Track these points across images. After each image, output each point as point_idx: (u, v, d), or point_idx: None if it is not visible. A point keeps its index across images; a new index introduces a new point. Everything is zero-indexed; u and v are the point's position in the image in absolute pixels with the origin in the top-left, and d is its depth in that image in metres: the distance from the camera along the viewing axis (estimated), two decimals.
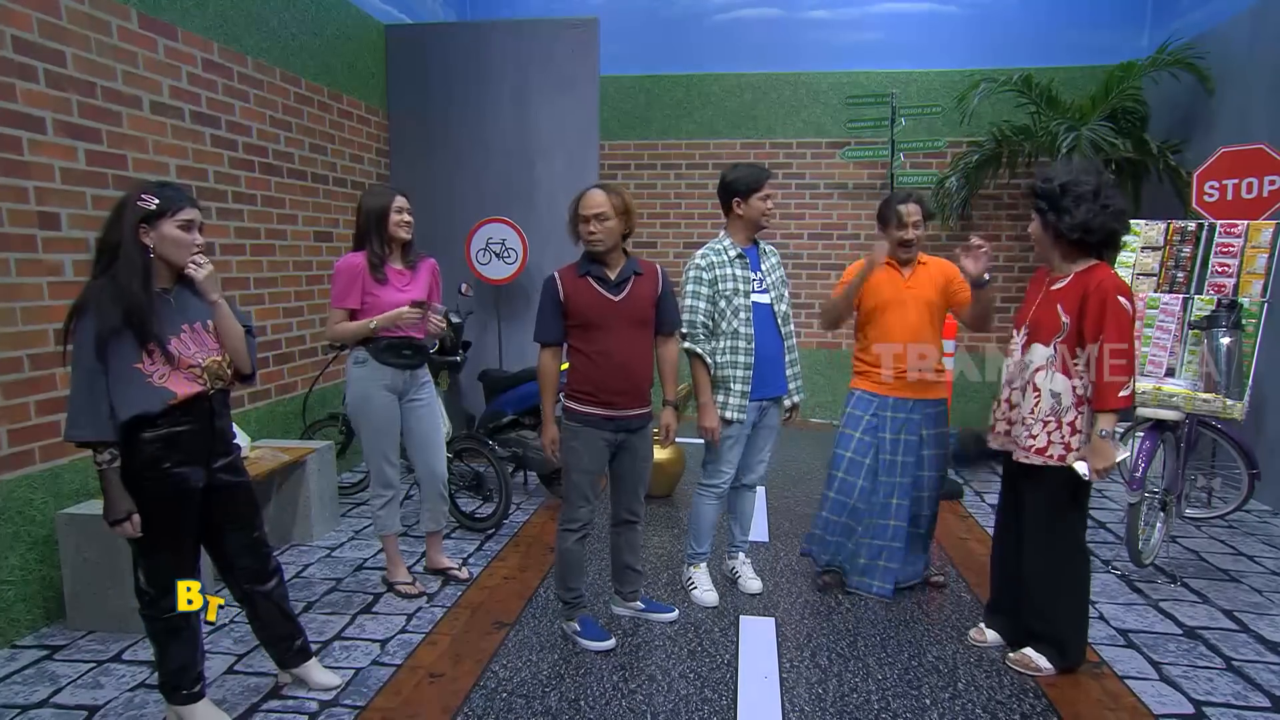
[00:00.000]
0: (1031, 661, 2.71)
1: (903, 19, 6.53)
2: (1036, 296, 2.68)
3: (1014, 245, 6.62)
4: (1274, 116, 4.67)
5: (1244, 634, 3.02)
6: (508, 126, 5.57)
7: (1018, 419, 2.67)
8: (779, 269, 3.21)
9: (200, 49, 3.82)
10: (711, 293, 3.03)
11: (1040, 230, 2.62)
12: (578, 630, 2.90)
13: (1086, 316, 2.50)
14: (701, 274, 3.04)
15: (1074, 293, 2.55)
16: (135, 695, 2.57)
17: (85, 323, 2.03)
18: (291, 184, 4.58)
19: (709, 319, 3.04)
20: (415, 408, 3.29)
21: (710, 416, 3.02)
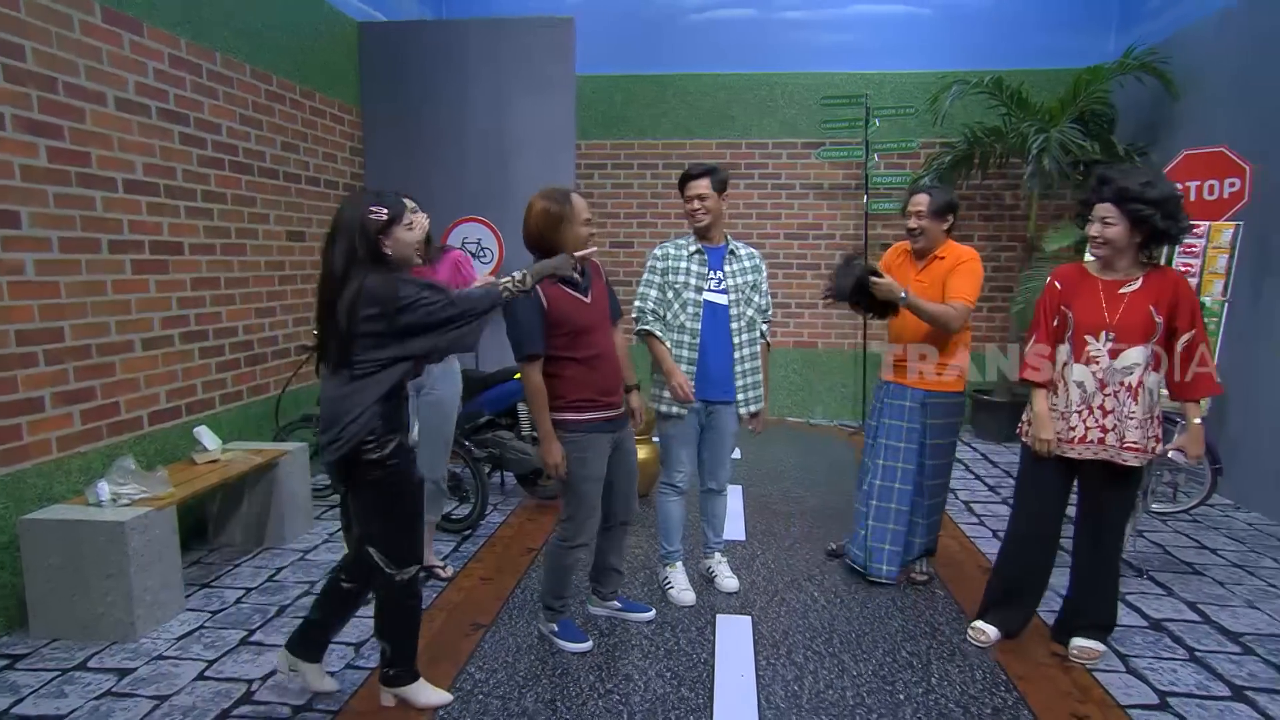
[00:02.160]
0: (1095, 650, 2.79)
1: (877, 21, 6.59)
2: (1093, 300, 2.64)
3: (987, 245, 6.70)
4: (1234, 120, 4.79)
5: (1206, 625, 3.09)
6: (483, 126, 5.53)
7: (1114, 424, 2.63)
8: (752, 274, 3.15)
9: (167, 44, 3.75)
10: (662, 282, 3.08)
11: (1126, 234, 2.57)
12: (556, 632, 2.88)
13: (1179, 315, 2.58)
14: (655, 263, 3.11)
15: (1161, 293, 2.58)
16: (101, 704, 2.51)
17: (406, 284, 2.18)
18: (263, 182, 4.51)
19: (659, 307, 3.09)
20: (428, 403, 3.28)
21: (678, 374, 3.02)
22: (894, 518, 3.29)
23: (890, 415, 3.29)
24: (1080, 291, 2.68)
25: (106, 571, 2.87)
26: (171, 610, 3.08)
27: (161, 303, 3.72)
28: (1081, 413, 2.67)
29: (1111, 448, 2.64)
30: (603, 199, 7.02)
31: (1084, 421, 2.67)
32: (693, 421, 3.13)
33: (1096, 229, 2.61)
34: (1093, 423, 2.66)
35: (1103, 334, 2.63)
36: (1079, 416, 2.68)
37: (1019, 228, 6.54)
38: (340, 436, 2.19)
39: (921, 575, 3.42)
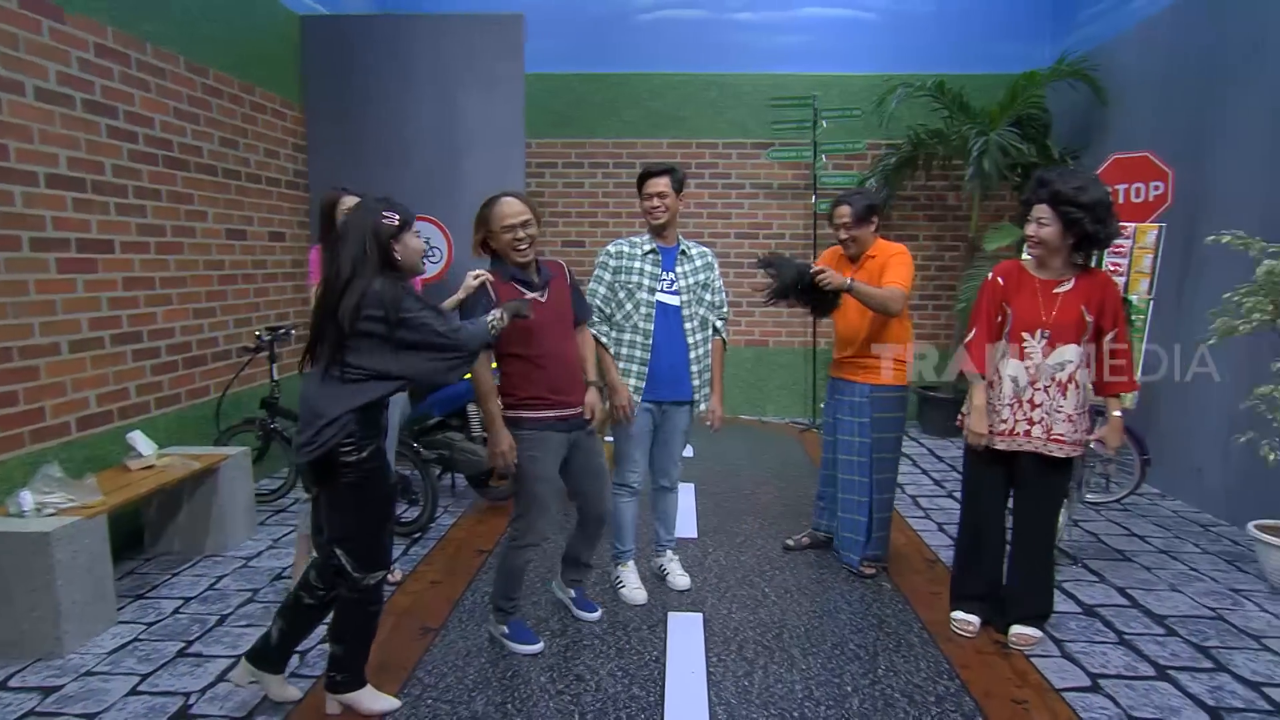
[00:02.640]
0: (1032, 637, 2.89)
1: (824, 23, 6.71)
2: (1030, 298, 2.76)
3: (931, 245, 6.89)
4: (1158, 127, 5.02)
5: (1135, 609, 3.23)
6: (431, 123, 5.45)
7: (1041, 418, 2.74)
8: (704, 272, 3.17)
9: (92, 33, 3.59)
10: (613, 280, 3.07)
11: (1059, 235, 2.68)
12: (506, 633, 2.86)
13: (1105, 315, 2.73)
14: (607, 261, 3.09)
15: (1091, 293, 2.73)
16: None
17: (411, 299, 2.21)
18: (201, 179, 4.36)
19: (606, 305, 3.08)
20: None
21: (623, 394, 3.02)
22: (855, 508, 3.43)
23: (844, 412, 3.42)
24: (1020, 289, 2.79)
25: (30, 585, 2.74)
26: (102, 624, 2.96)
27: (90, 303, 3.57)
28: (1012, 406, 2.80)
29: (1038, 439, 2.77)
30: (554, 198, 6.99)
31: (1014, 415, 2.80)
32: (646, 422, 3.13)
33: (1033, 228, 2.73)
34: (1021, 416, 2.79)
35: (1038, 331, 2.74)
36: (1010, 410, 2.80)
37: (961, 228, 6.74)
38: (315, 440, 2.16)
39: (870, 569, 3.49)
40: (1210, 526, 4.24)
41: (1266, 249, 3.25)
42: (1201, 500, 4.52)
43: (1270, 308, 3.25)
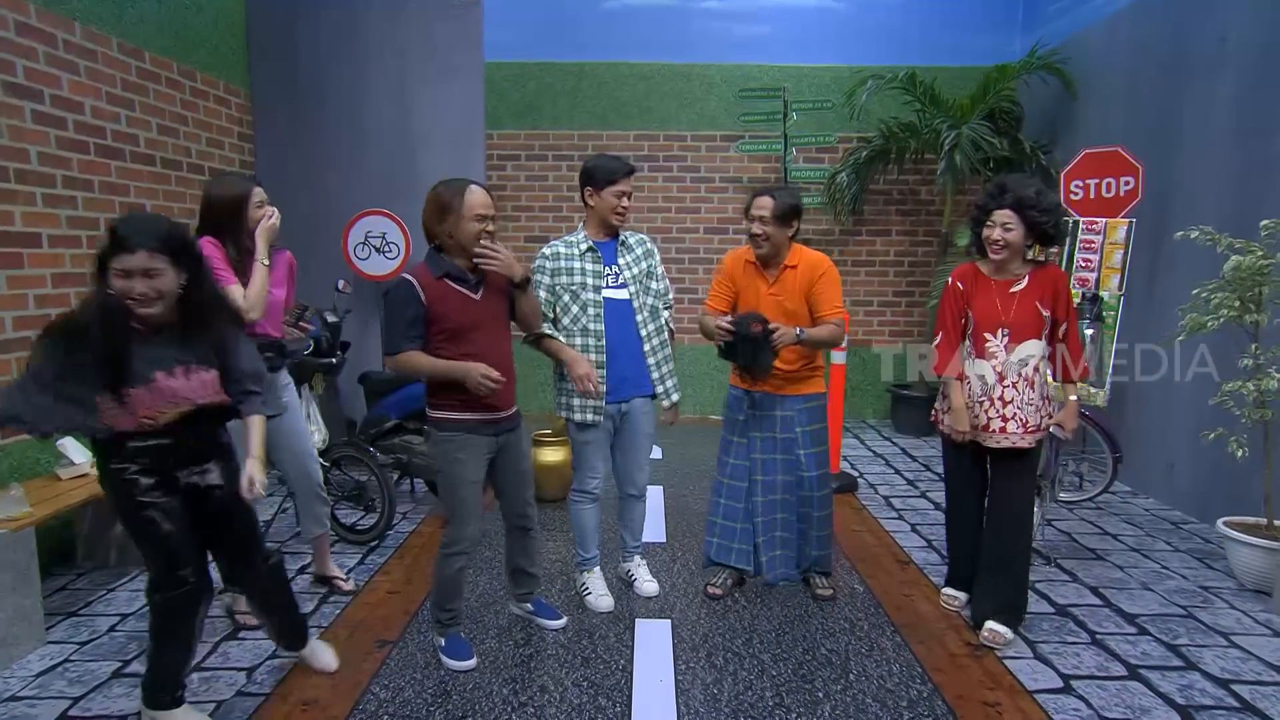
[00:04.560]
0: (1004, 635, 2.97)
1: (793, 13, 6.75)
2: (989, 300, 2.92)
3: (904, 240, 6.99)
4: (1129, 120, 5.15)
5: (1107, 609, 3.30)
6: (386, 113, 5.37)
7: (1014, 413, 2.89)
8: (645, 260, 3.12)
9: (12, 10, 3.46)
10: (552, 283, 3.00)
11: (1023, 238, 2.84)
12: (442, 646, 2.83)
13: (1059, 306, 2.89)
14: (544, 263, 3.01)
15: (1044, 289, 2.88)
16: None
17: (51, 350, 2.11)
18: (137, 169, 4.23)
19: (549, 309, 3.00)
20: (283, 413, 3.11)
21: (581, 363, 2.91)
22: (782, 526, 3.32)
23: (761, 428, 3.24)
24: (978, 292, 2.96)
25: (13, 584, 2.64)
26: (28, 645, 2.86)
27: (16, 300, 3.45)
28: (983, 403, 2.94)
29: (1014, 434, 2.89)
30: (516, 192, 6.94)
31: (986, 412, 2.94)
32: (606, 425, 3.10)
33: (998, 233, 2.85)
34: (994, 413, 2.92)
35: (1000, 330, 2.91)
36: (981, 407, 2.95)
37: (934, 223, 6.84)
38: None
39: (825, 590, 3.34)
40: (1181, 524, 4.36)
41: (1233, 244, 3.35)
42: (1173, 498, 4.65)
43: (1237, 304, 3.36)
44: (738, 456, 3.33)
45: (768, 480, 3.28)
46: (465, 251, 2.59)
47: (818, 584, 3.37)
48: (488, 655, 2.87)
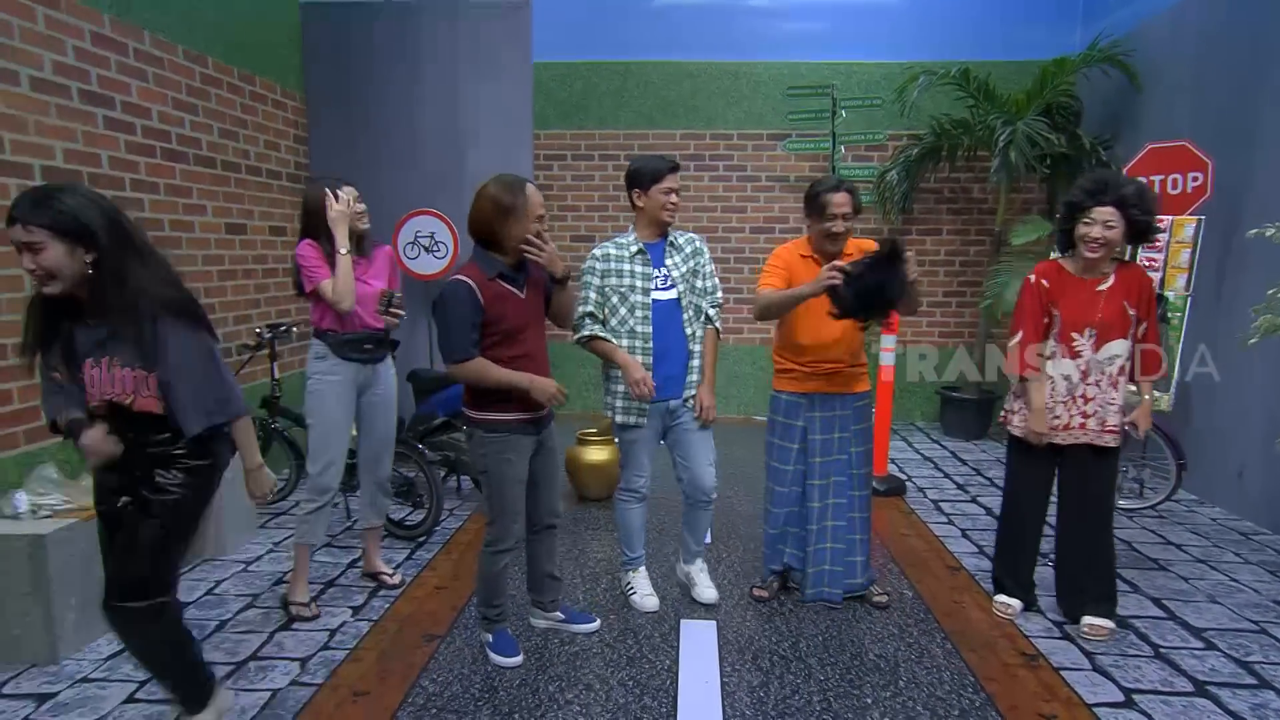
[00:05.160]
0: (1105, 626, 3.00)
1: (843, 9, 6.66)
2: (1077, 298, 2.88)
3: (955, 240, 6.84)
4: (1196, 114, 4.95)
5: (1171, 621, 3.19)
6: (436, 114, 5.46)
7: (1094, 410, 2.90)
8: (694, 259, 3.07)
9: (88, 21, 3.61)
10: (602, 284, 2.99)
11: (1121, 236, 2.80)
12: (489, 642, 2.86)
13: (1142, 304, 2.88)
14: (595, 264, 3.01)
15: (1130, 287, 2.87)
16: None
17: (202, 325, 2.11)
18: (199, 171, 4.38)
19: (599, 310, 3.01)
20: (374, 402, 3.26)
21: (635, 368, 2.91)
22: (833, 536, 3.21)
23: (821, 430, 3.16)
24: (1064, 291, 2.91)
25: (24, 589, 2.76)
26: (99, 629, 2.97)
27: None
28: (1066, 403, 2.94)
29: (1093, 431, 2.93)
30: (562, 191, 6.98)
31: (1068, 410, 2.93)
32: (654, 424, 3.09)
33: (1098, 231, 2.78)
34: (1075, 410, 2.93)
35: (1087, 330, 2.88)
36: (1064, 406, 2.94)
37: (987, 221, 6.68)
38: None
39: (881, 596, 3.29)
40: (1251, 535, 4.18)
41: None
42: (1242, 507, 4.45)
43: None
44: (796, 462, 3.20)
45: (823, 485, 3.19)
46: (514, 250, 2.60)
47: (872, 591, 3.31)
48: (533, 652, 2.90)
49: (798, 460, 3.20)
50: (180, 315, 2.04)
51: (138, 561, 2.12)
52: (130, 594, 2.11)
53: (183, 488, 2.14)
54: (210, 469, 2.22)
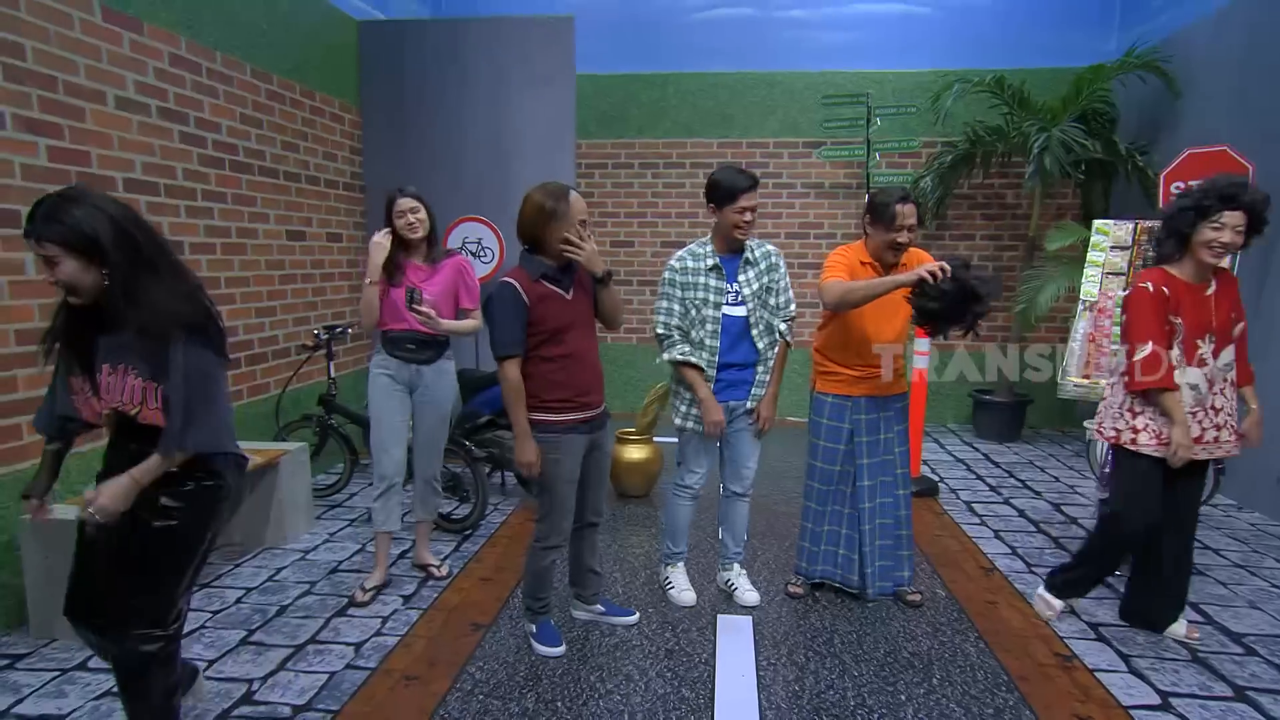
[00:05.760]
0: (1197, 632, 2.96)
1: (877, 19, 6.59)
2: (1195, 305, 2.71)
3: (988, 245, 6.71)
4: (1236, 119, 4.78)
5: (1209, 626, 3.09)
6: (483, 125, 5.53)
7: (1225, 421, 2.77)
8: (769, 275, 3.02)
9: (167, 43, 3.75)
10: (683, 297, 2.98)
11: (1241, 243, 2.67)
12: (534, 632, 2.88)
13: (1239, 309, 2.78)
14: (675, 277, 2.99)
15: (1229, 292, 2.77)
16: (101, 704, 2.52)
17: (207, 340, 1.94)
18: (263, 182, 4.51)
19: (682, 322, 3.00)
20: (422, 404, 3.32)
21: (714, 411, 2.94)
22: (882, 533, 3.18)
23: (868, 431, 3.13)
24: (1182, 298, 2.72)
25: None
26: None
27: None
28: (1197, 414, 2.75)
29: (1227, 443, 2.79)
30: (603, 198, 7.02)
31: (1199, 423, 2.75)
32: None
33: (1229, 236, 2.61)
34: (1208, 423, 2.76)
35: (1208, 336, 2.72)
36: (1194, 418, 2.74)
37: (1020, 227, 6.54)
38: None
39: (915, 595, 3.25)
40: None
41: None
42: None
43: None
44: (843, 463, 3.16)
45: (872, 485, 3.15)
46: (558, 254, 2.61)
47: (906, 590, 3.27)
48: (575, 643, 2.92)
49: (845, 461, 3.16)
50: (189, 333, 1.89)
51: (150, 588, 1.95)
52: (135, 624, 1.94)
53: (184, 513, 1.95)
54: (213, 491, 2.00)
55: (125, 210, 1.90)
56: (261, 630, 3.02)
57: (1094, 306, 3.79)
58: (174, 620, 2.00)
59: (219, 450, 1.98)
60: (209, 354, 1.93)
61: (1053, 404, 6.13)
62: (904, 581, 3.26)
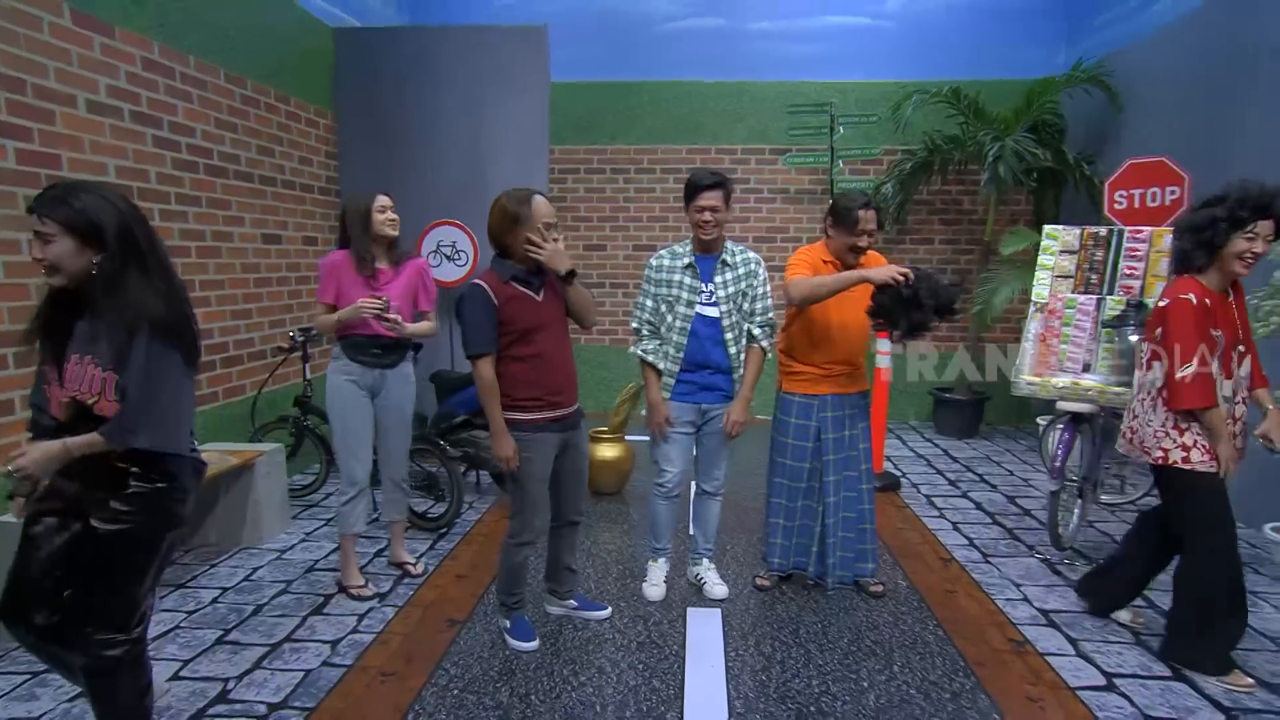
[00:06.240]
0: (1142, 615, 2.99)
1: (841, 32, 6.67)
2: (1227, 316, 2.61)
3: (946, 249, 6.83)
4: (1174, 132, 4.93)
5: (1150, 609, 3.17)
6: (458, 131, 5.49)
7: (1241, 429, 2.67)
8: (746, 280, 3.01)
9: (139, 48, 3.67)
10: (657, 293, 3.01)
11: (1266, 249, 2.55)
12: (508, 628, 2.87)
13: (1244, 317, 2.68)
14: (650, 274, 3.03)
15: (1241, 301, 2.69)
16: (74, 706, 2.45)
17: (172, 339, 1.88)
18: (238, 185, 4.43)
19: (655, 319, 3.03)
20: (384, 408, 3.25)
21: (659, 414, 3.01)
22: (846, 526, 3.23)
23: (833, 429, 3.16)
24: (1217, 309, 2.58)
25: None
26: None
27: None
28: (1228, 424, 2.61)
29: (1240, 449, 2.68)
30: (576, 203, 7.01)
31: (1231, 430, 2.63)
32: (687, 427, 3.06)
33: (1261, 246, 2.52)
34: (1235, 430, 2.64)
35: (1237, 346, 2.63)
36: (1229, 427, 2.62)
37: (976, 232, 6.66)
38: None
39: (878, 586, 3.30)
40: None
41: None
42: None
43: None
44: (811, 460, 3.19)
45: (838, 480, 3.18)
46: (524, 256, 2.62)
47: (869, 582, 3.31)
48: (549, 638, 2.92)
49: (812, 458, 3.19)
50: (159, 332, 1.83)
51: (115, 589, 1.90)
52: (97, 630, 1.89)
53: (136, 516, 1.88)
54: (166, 494, 1.92)
55: (133, 209, 1.90)
56: (237, 629, 2.97)
57: (1044, 308, 3.87)
58: (137, 624, 1.94)
59: (169, 450, 1.91)
60: (175, 355, 1.88)
61: (1009, 401, 6.26)
62: (867, 573, 3.30)
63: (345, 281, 3.08)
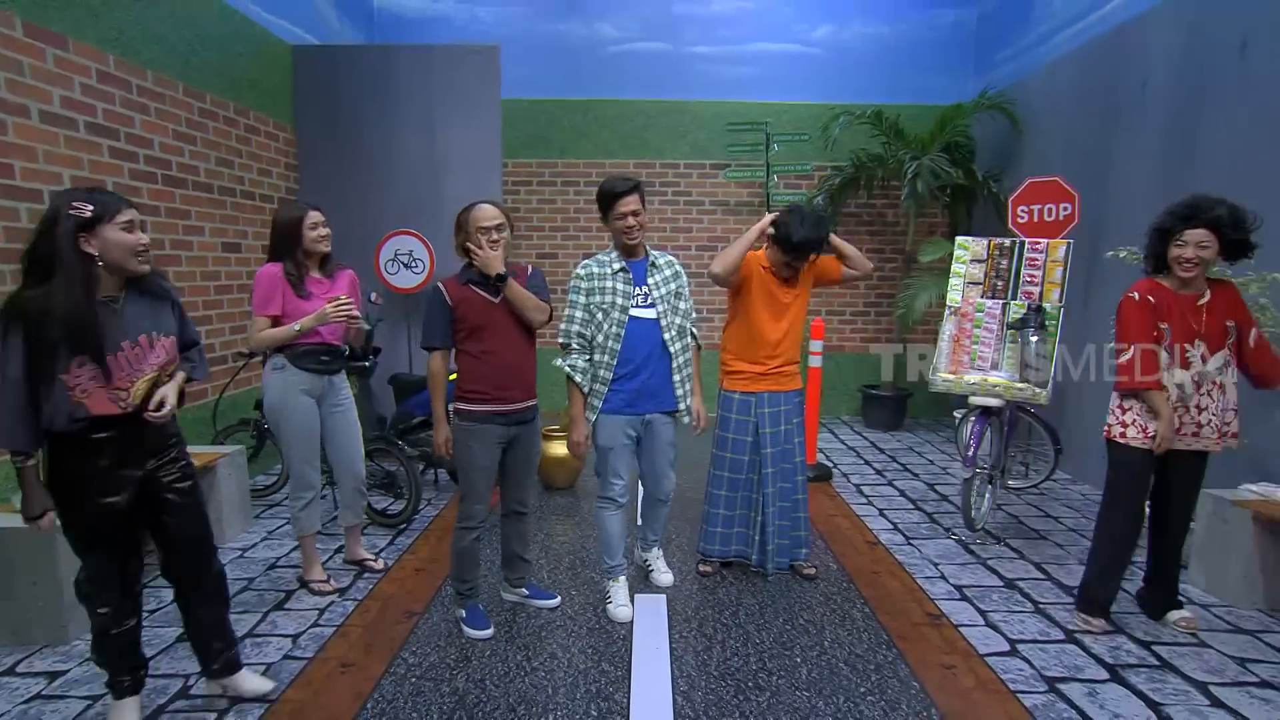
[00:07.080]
0: (1195, 618, 2.91)
1: (774, 57, 6.81)
2: (1182, 313, 2.70)
3: (873, 257, 6.99)
4: (1066, 155, 5.20)
5: (1048, 582, 3.34)
6: (415, 145, 5.42)
7: (1208, 420, 2.74)
8: (674, 281, 2.95)
9: (94, 60, 3.52)
10: (588, 303, 2.84)
11: (1214, 255, 2.64)
12: (463, 617, 2.86)
13: (1242, 317, 2.74)
14: (580, 284, 2.86)
15: (1227, 303, 2.73)
16: (30, 707, 2.35)
17: (14, 333, 1.87)
18: (198, 196, 4.28)
19: (584, 329, 2.85)
20: (336, 413, 3.15)
21: (579, 430, 2.88)
22: (782, 515, 3.29)
23: (770, 424, 3.20)
24: (1170, 306, 2.71)
25: (36, 575, 2.68)
26: None
27: None
28: (1178, 410, 2.74)
29: (1208, 439, 2.76)
30: (529, 214, 6.98)
31: (1180, 418, 2.75)
32: (630, 435, 2.93)
33: (1190, 252, 2.62)
34: (1189, 419, 2.75)
35: (1196, 341, 2.71)
36: (1176, 414, 2.74)
37: (899, 242, 6.88)
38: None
39: (811, 569, 3.36)
40: None
41: None
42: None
43: None
44: (750, 454, 3.23)
45: (774, 471, 3.23)
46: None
47: (803, 565, 3.38)
48: (503, 626, 2.91)
49: (751, 452, 3.24)
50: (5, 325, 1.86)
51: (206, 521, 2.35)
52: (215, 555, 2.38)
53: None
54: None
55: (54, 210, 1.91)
56: None
57: (958, 311, 4.04)
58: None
59: None
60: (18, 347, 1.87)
61: (929, 397, 6.49)
62: (801, 557, 3.38)
63: (290, 293, 2.91)
